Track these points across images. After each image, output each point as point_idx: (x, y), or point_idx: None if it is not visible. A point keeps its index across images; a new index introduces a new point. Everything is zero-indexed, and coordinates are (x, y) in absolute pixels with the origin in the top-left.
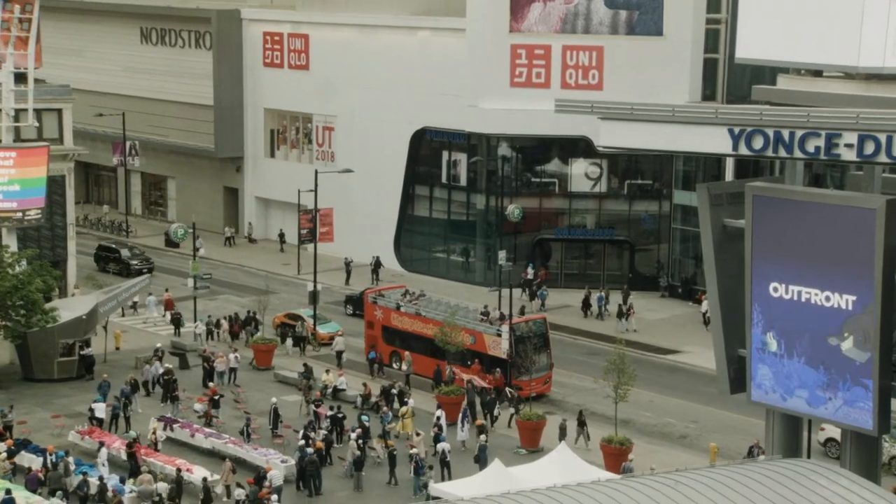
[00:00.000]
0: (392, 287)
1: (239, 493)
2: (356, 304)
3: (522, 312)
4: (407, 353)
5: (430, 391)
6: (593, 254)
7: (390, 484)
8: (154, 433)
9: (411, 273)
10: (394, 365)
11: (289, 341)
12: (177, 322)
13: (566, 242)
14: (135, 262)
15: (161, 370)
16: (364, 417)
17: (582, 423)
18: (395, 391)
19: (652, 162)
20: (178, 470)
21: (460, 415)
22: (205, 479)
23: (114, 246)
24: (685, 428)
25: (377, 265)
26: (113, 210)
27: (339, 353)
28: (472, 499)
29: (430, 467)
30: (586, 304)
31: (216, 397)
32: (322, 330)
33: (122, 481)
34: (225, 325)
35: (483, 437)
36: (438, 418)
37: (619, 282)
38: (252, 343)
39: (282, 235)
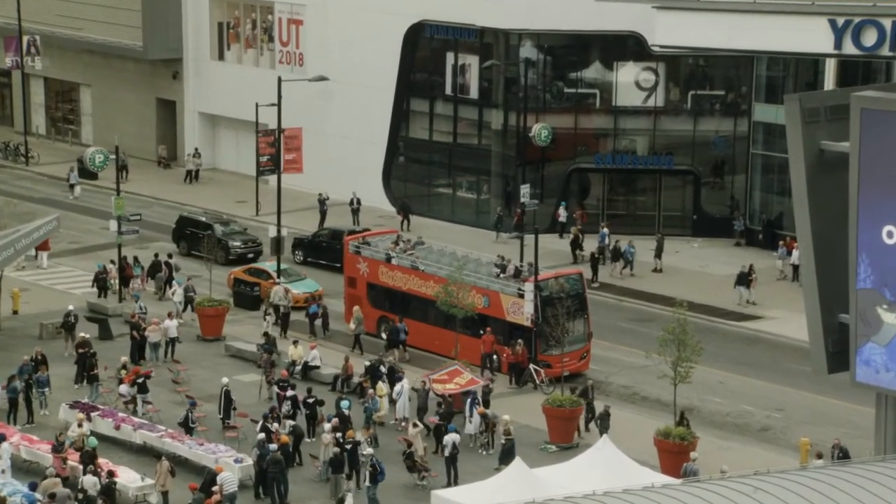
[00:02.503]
0: (380, 233)
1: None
2: (308, 248)
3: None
4: (356, 308)
5: (428, 366)
6: (645, 189)
7: (358, 482)
8: (81, 425)
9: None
10: (383, 334)
11: (268, 319)
12: (102, 284)
13: (610, 174)
14: (236, 242)
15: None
16: (344, 403)
17: (589, 404)
18: (383, 368)
19: (725, 66)
20: (110, 474)
21: (468, 400)
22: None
23: (202, 218)
24: (767, 418)
25: (359, 204)
26: (6, 128)
27: (314, 317)
28: None
29: (426, 469)
30: (616, 255)
31: (143, 379)
32: (296, 290)
33: (33, 488)
34: (112, 270)
35: (505, 424)
36: (440, 405)
37: (679, 225)
38: (197, 306)
39: (196, 154)
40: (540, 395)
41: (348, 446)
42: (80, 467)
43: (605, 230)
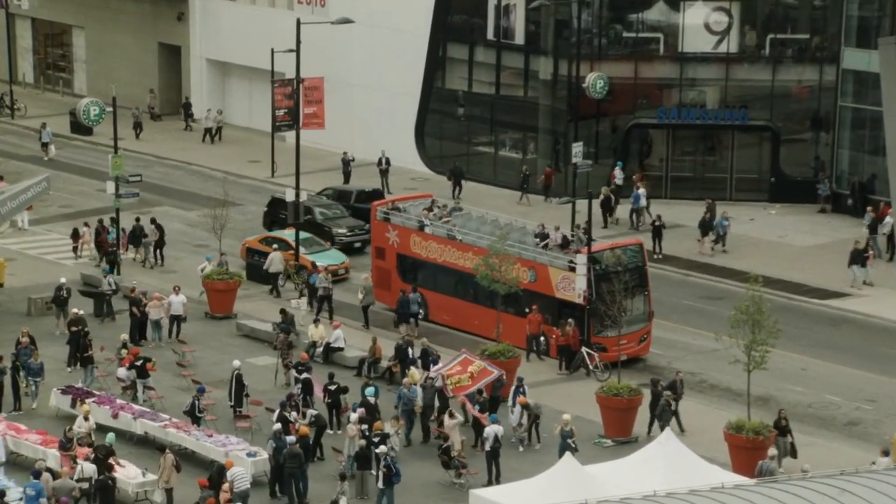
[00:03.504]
0: (413, 197)
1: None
2: (277, 209)
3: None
4: (365, 276)
5: (466, 347)
6: (716, 147)
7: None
8: (87, 418)
9: (441, 176)
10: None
11: (301, 301)
12: (112, 259)
13: (674, 130)
14: (341, 229)
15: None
16: (369, 390)
17: (676, 401)
18: (412, 350)
19: (809, 6)
20: (108, 468)
21: (513, 388)
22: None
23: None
24: (856, 410)
25: (388, 164)
26: None
27: (327, 297)
28: None
29: (464, 466)
30: (706, 228)
31: (143, 361)
32: (320, 261)
33: (37, 476)
34: (86, 233)
35: (566, 424)
36: (480, 392)
37: (754, 189)
38: (204, 279)
39: (187, 106)
40: (593, 383)
41: (376, 439)
42: (94, 467)
43: (640, 191)
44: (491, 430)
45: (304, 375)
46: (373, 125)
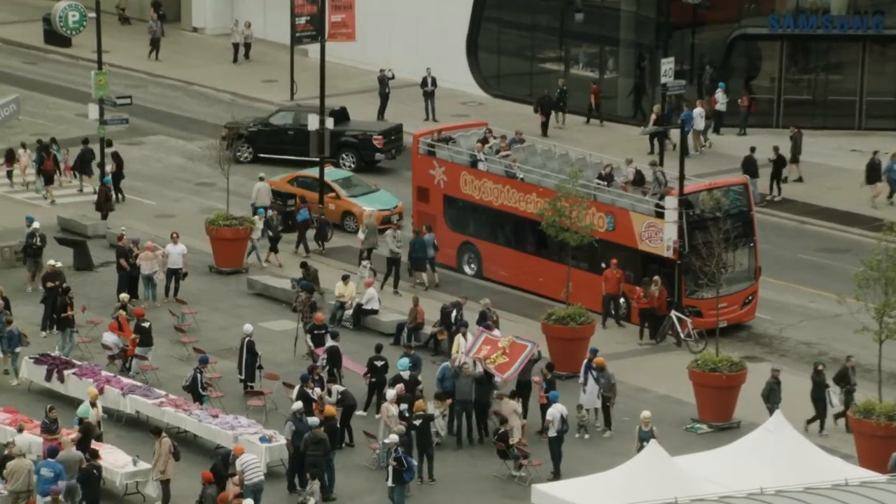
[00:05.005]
0: (464, 126)
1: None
2: (269, 138)
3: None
4: (370, 212)
5: (524, 311)
6: (842, 64)
7: (422, 476)
8: (94, 404)
9: (497, 100)
10: (466, 267)
11: (366, 264)
12: (105, 199)
13: (790, 42)
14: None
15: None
16: (402, 362)
17: (849, 392)
18: (458, 316)
19: None
20: (92, 455)
21: (585, 362)
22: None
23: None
24: None
25: (434, 85)
26: None
27: (304, 226)
28: None
29: (525, 455)
30: (873, 174)
31: (149, 325)
32: (367, 205)
33: (53, 454)
34: (24, 158)
35: (646, 423)
36: (551, 367)
37: (890, 116)
38: (209, 225)
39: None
40: (685, 355)
41: (417, 422)
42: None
43: (697, 110)
44: (556, 410)
45: (331, 343)
46: (415, 37)
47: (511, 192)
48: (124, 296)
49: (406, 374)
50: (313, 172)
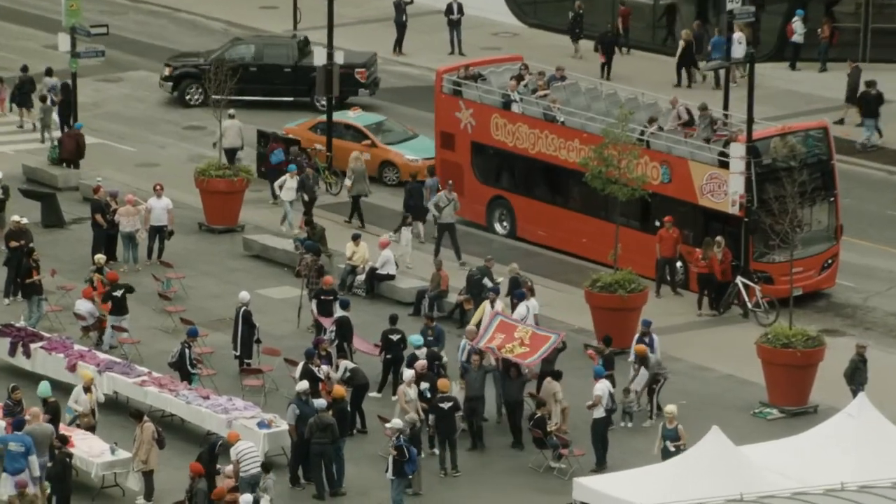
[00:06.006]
0: (495, 61)
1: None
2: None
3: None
4: (355, 154)
5: (571, 283)
6: None
7: (445, 468)
8: (89, 389)
9: (534, 30)
10: (497, 225)
11: (404, 232)
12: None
13: None
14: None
15: None
16: (414, 339)
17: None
18: (491, 283)
19: None
20: (62, 441)
21: (636, 337)
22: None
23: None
24: None
25: (460, 13)
26: None
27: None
28: None
29: (565, 444)
30: None
31: (123, 291)
32: (407, 154)
33: (19, 426)
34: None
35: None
36: (608, 341)
37: None
38: (199, 176)
39: None
40: (753, 328)
41: (444, 405)
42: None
43: (736, 34)
44: (604, 385)
45: (340, 313)
46: None
47: (550, 137)
48: (100, 257)
49: (421, 354)
50: (338, 117)
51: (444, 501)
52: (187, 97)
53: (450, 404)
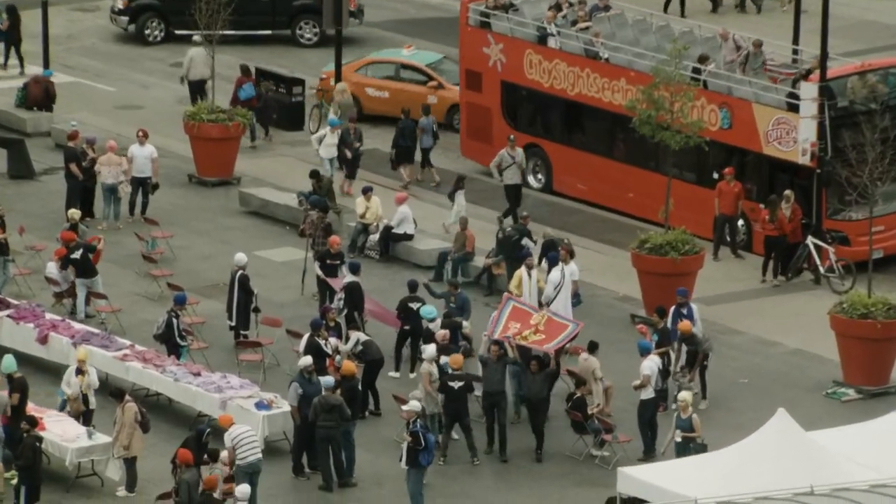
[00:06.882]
0: None
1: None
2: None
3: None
4: (340, 85)
5: (615, 244)
6: None
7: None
8: (83, 371)
9: None
10: (531, 177)
11: (458, 197)
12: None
13: None
14: None
15: None
16: (426, 310)
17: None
18: (528, 242)
19: None
20: (31, 423)
21: (672, 311)
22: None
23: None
24: None
25: None
26: None
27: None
28: None
29: (608, 430)
30: None
31: (83, 251)
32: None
33: None
34: None
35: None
36: (657, 309)
37: None
38: (188, 120)
39: None
40: (826, 295)
41: (455, 384)
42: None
43: None
44: (652, 363)
45: (350, 278)
46: None
47: (592, 77)
48: (74, 212)
49: (434, 327)
50: (390, 55)
51: (466, 492)
52: (146, 32)
53: (461, 384)
